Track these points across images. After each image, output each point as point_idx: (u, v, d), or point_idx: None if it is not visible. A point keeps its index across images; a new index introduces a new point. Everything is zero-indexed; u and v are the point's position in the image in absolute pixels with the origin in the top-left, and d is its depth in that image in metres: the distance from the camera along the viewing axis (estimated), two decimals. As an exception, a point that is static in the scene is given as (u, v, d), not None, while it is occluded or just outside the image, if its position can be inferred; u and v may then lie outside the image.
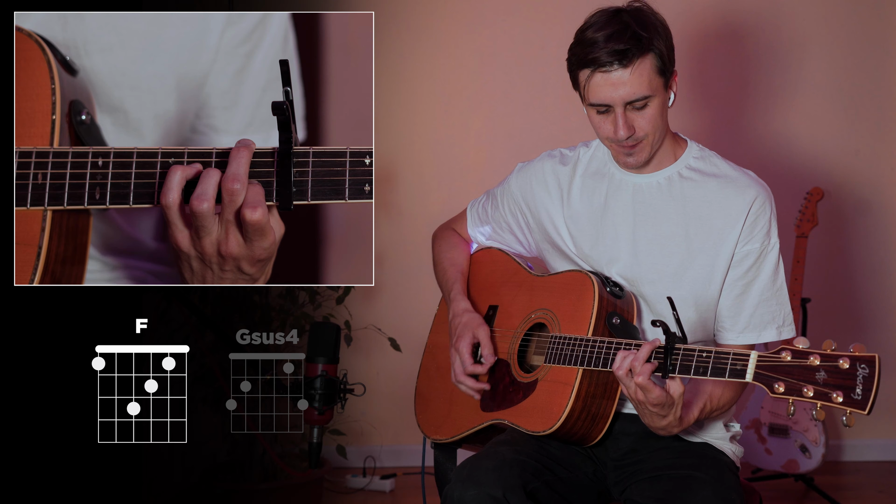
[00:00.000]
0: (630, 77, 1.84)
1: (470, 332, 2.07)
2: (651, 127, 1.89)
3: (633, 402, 1.80)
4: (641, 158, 1.94)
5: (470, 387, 2.05)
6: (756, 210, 1.93)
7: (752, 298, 1.95)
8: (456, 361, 2.07)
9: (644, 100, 1.86)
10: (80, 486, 2.09)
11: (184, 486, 3.35)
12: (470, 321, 2.09)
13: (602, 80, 1.85)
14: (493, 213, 2.21)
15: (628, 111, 1.87)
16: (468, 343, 2.06)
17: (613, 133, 1.89)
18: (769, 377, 1.63)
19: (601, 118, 1.90)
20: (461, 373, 2.06)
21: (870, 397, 1.54)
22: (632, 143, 1.91)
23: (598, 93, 1.86)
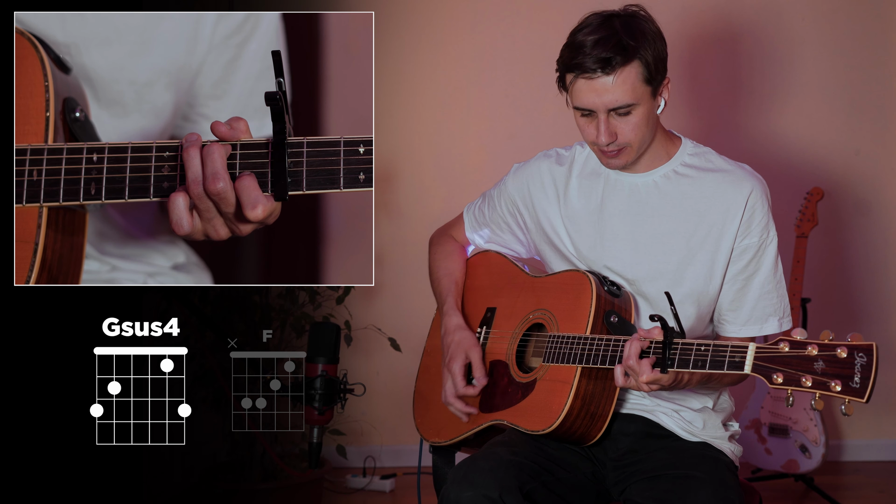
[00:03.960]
0: (613, 85, 1.85)
1: (463, 353, 2.08)
2: (634, 134, 1.90)
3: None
4: (623, 162, 1.95)
5: (459, 409, 2.07)
6: (753, 203, 1.94)
7: (753, 292, 1.96)
8: (448, 383, 2.08)
9: (627, 107, 1.87)
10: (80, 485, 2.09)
11: (184, 486, 3.35)
12: (462, 340, 2.09)
13: (585, 85, 1.86)
14: (491, 215, 2.21)
15: (611, 117, 1.88)
16: (461, 365, 2.07)
17: (595, 138, 1.91)
18: (767, 368, 1.63)
19: (585, 121, 1.92)
20: (452, 395, 2.07)
21: (868, 385, 1.54)
22: (614, 148, 1.92)
23: (581, 98, 1.88)
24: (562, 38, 1.94)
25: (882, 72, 3.69)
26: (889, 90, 3.69)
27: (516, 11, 3.66)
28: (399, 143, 3.67)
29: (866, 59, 3.68)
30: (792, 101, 3.67)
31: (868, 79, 3.68)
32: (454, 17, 3.68)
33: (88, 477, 2.09)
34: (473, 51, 3.68)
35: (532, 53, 3.65)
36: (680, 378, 1.80)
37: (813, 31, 3.66)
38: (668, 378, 1.77)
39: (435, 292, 2.26)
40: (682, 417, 1.99)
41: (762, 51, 3.66)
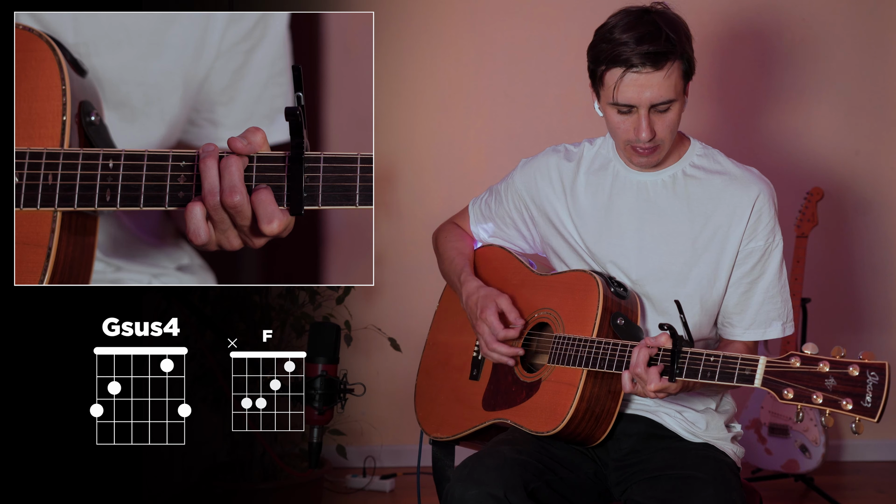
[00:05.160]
0: (661, 80, 1.84)
1: (493, 302, 2.04)
2: (669, 131, 1.90)
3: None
4: (655, 160, 1.95)
5: (504, 353, 2.01)
6: (760, 207, 1.94)
7: (757, 296, 1.96)
8: (485, 331, 2.03)
9: (668, 103, 1.87)
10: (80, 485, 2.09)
11: (184, 486, 3.34)
12: (489, 293, 2.06)
13: (633, 80, 1.85)
14: (497, 209, 2.21)
15: (651, 114, 1.88)
16: (494, 311, 2.03)
17: (634, 134, 1.90)
18: (778, 383, 1.62)
19: (622, 118, 1.90)
20: (493, 340, 2.01)
21: (880, 405, 1.53)
22: (650, 146, 1.91)
23: (625, 93, 1.86)
24: (561, 38, 1.94)
25: (882, 72, 3.69)
26: (889, 90, 3.69)
27: (516, 11, 3.66)
28: (399, 143, 3.67)
29: (866, 59, 3.68)
30: (792, 101, 3.67)
31: (868, 79, 3.69)
32: (454, 17, 3.68)
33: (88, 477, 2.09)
34: (473, 51, 3.68)
35: (532, 53, 3.64)
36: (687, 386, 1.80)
37: (813, 32, 3.66)
38: (675, 387, 1.77)
39: (447, 271, 2.23)
40: (684, 418, 1.99)
41: (762, 51, 3.66)
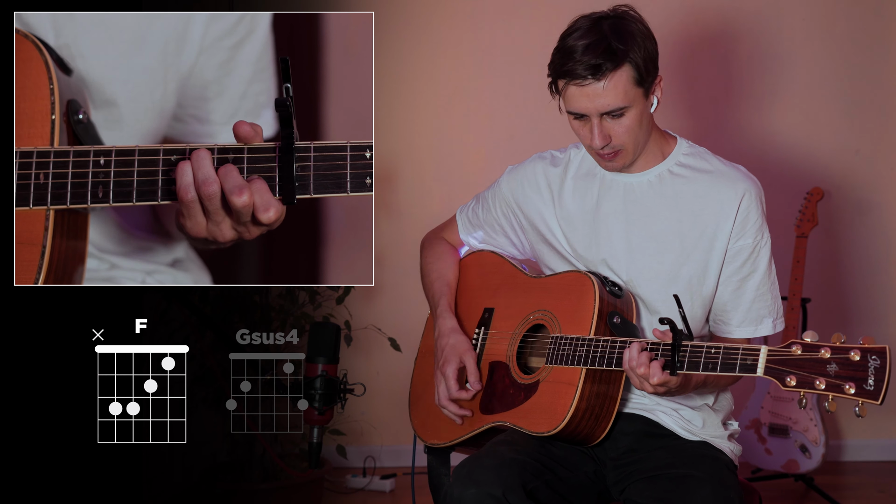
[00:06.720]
0: (604, 90, 1.85)
1: (456, 357, 2.07)
2: (628, 136, 1.91)
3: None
4: (621, 165, 1.96)
5: (453, 412, 2.07)
6: (747, 205, 1.94)
7: (748, 293, 1.97)
8: (441, 386, 2.08)
9: (620, 110, 1.88)
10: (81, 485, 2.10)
11: (184, 486, 3.35)
12: (457, 344, 2.09)
13: (577, 91, 1.87)
14: (485, 217, 2.21)
15: (605, 120, 1.89)
16: (454, 368, 2.06)
17: (590, 141, 1.91)
18: (780, 371, 1.64)
19: (579, 124, 1.93)
20: (445, 398, 2.07)
21: (882, 387, 1.56)
22: (609, 151, 1.92)
23: (573, 103, 1.89)
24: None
25: (882, 72, 3.69)
26: (889, 90, 3.69)
27: (516, 11, 3.66)
28: (399, 143, 3.67)
29: (866, 59, 3.67)
30: (792, 101, 3.67)
31: (868, 79, 3.68)
32: (454, 17, 3.68)
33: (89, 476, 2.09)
34: (473, 51, 3.68)
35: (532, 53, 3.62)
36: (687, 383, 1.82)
37: (813, 31, 3.66)
38: (676, 381, 1.78)
39: (427, 295, 2.26)
40: (681, 416, 1.99)
41: (762, 50, 3.66)
